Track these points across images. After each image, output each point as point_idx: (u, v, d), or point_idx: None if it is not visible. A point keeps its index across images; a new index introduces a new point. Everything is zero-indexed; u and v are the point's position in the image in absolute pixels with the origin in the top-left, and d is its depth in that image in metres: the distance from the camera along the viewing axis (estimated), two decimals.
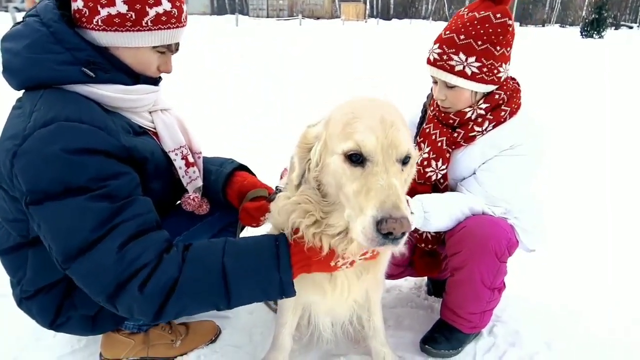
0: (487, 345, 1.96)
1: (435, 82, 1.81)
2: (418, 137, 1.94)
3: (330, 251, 1.30)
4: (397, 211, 1.03)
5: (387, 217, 1.02)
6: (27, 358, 1.80)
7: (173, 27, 1.40)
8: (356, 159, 1.12)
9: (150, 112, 1.56)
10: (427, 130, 1.89)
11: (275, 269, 1.30)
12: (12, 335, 1.88)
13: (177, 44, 1.49)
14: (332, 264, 1.34)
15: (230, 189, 1.67)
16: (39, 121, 1.23)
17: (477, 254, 1.71)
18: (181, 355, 1.82)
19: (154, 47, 1.41)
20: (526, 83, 1.97)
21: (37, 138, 1.22)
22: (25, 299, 1.50)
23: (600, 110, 6.88)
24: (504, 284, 1.90)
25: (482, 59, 1.66)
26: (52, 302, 1.49)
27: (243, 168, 1.78)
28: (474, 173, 1.82)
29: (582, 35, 33.75)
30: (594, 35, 33.10)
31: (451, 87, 1.73)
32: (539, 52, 16.06)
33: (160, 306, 1.25)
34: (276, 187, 1.54)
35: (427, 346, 1.89)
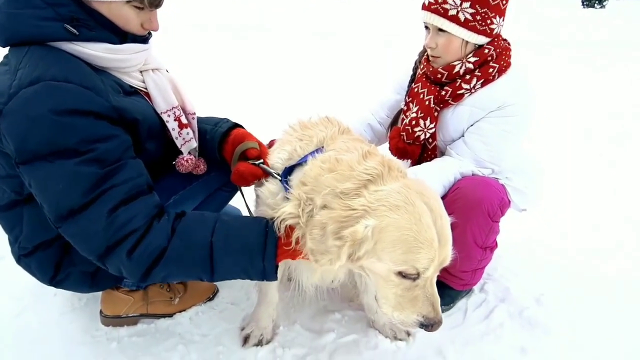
0: (478, 301, 2.02)
1: (427, 28, 1.79)
2: (407, 97, 1.93)
3: None
4: (438, 316, 1.24)
5: (432, 324, 1.24)
6: (28, 316, 1.84)
7: None
8: (409, 276, 1.21)
9: (141, 72, 1.53)
10: (416, 89, 1.88)
11: (260, 258, 1.33)
12: (13, 296, 1.93)
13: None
14: None
15: (226, 144, 1.67)
16: (25, 80, 1.21)
17: (470, 214, 1.74)
18: (179, 311, 1.87)
19: (127, 2, 1.34)
20: (522, 56, 1.97)
21: (22, 97, 1.20)
22: (24, 256, 1.52)
23: (598, 85, 6.80)
24: (496, 243, 1.95)
25: (477, 5, 1.64)
26: (51, 259, 1.51)
27: (238, 127, 1.76)
28: (463, 135, 1.83)
29: (583, 4, 33.00)
30: (596, 4, 32.37)
31: (442, 33, 1.72)
32: (537, 23, 15.73)
33: (146, 271, 1.29)
34: (276, 172, 1.50)
35: None
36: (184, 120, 1.60)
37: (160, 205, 1.37)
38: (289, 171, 1.45)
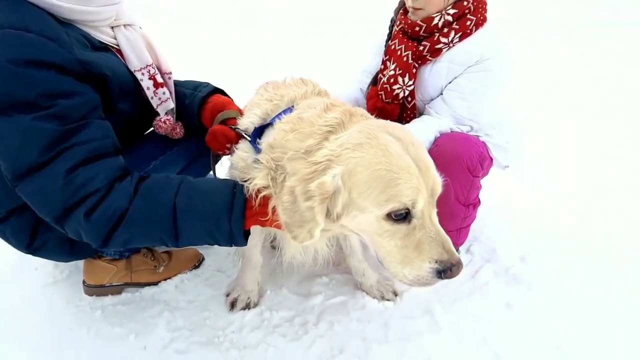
0: (465, 262, 2.02)
1: None
2: (384, 55, 1.91)
3: None
4: (454, 256, 1.10)
5: (449, 267, 1.09)
6: (10, 290, 1.81)
7: None
8: (400, 216, 1.09)
9: (112, 28, 1.47)
10: (393, 46, 1.86)
11: (227, 219, 1.25)
12: None
13: None
14: None
15: (205, 111, 1.63)
16: None
17: (450, 170, 1.71)
18: (164, 280, 1.85)
19: None
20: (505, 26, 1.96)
21: None
22: None
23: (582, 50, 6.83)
24: (479, 200, 1.96)
25: None
26: (26, 225, 1.46)
27: (219, 92, 1.72)
28: (442, 93, 1.82)
29: None
30: None
31: None
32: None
33: (107, 234, 1.22)
34: (245, 132, 1.43)
35: None
36: (159, 79, 1.55)
37: (124, 167, 1.30)
38: (258, 133, 1.38)
